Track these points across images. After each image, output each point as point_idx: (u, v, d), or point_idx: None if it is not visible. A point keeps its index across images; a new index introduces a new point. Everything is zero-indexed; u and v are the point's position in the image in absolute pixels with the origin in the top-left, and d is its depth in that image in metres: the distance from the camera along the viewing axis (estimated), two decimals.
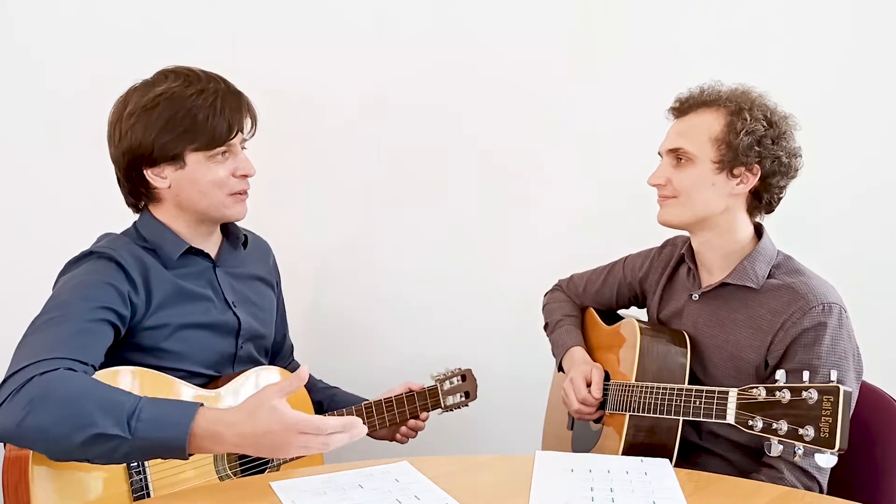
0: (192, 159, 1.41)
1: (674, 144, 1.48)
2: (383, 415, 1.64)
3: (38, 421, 1.14)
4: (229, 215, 1.48)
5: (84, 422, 1.14)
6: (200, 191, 1.42)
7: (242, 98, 1.45)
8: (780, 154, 1.43)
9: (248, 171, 1.46)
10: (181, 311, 1.44)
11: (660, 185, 1.50)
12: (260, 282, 1.63)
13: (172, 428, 1.16)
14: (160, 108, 1.38)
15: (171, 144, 1.39)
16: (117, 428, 1.13)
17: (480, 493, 1.24)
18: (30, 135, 2.09)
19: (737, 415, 1.22)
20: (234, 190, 1.45)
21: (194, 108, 1.38)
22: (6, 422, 1.16)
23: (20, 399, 1.15)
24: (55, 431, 1.14)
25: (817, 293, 1.39)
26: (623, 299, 1.77)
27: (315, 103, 2.18)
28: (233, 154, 1.44)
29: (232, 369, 1.53)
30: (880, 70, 2.04)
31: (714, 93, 1.48)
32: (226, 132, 1.40)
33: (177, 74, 1.43)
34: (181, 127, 1.38)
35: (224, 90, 1.43)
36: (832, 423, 1.10)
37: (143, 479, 1.30)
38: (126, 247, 1.42)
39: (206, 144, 1.40)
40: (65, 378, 1.18)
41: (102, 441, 1.14)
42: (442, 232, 2.23)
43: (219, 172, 1.42)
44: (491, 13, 2.14)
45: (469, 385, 1.79)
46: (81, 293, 1.32)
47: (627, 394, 1.47)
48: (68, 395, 1.16)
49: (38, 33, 2.07)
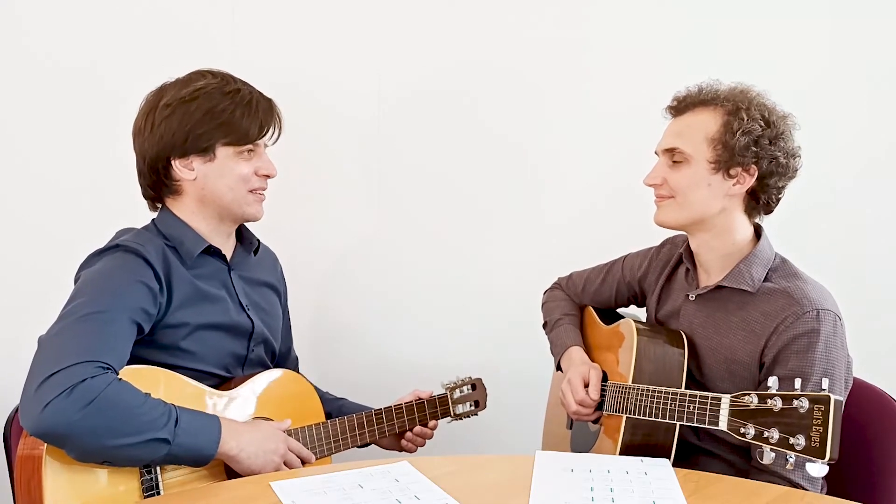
0: (222, 153, 1.46)
1: (670, 144, 1.47)
2: (393, 421, 1.65)
3: (94, 423, 1.20)
4: (249, 213, 1.52)
5: (140, 427, 1.23)
6: (226, 184, 1.47)
7: (273, 104, 1.53)
8: (777, 154, 1.42)
9: (270, 172, 1.52)
10: (199, 311, 1.45)
11: (656, 185, 1.50)
12: (269, 289, 1.65)
13: (206, 434, 1.30)
14: (199, 101, 1.44)
15: (205, 136, 1.44)
16: (167, 433, 1.24)
17: (480, 493, 1.24)
18: (33, 131, 2.09)
19: (729, 421, 1.22)
20: (255, 187, 1.51)
21: (232, 104, 1.45)
22: (61, 418, 1.18)
23: (76, 400, 1.19)
24: (107, 434, 1.21)
25: (812, 299, 1.38)
26: (622, 298, 1.77)
27: (317, 105, 2.18)
28: (257, 154, 1.51)
29: (242, 371, 1.54)
30: (879, 69, 2.04)
31: (712, 92, 1.47)
32: (257, 131, 1.47)
33: (213, 74, 1.49)
34: (218, 120, 1.44)
35: (258, 94, 1.51)
36: (823, 433, 1.09)
37: (154, 478, 1.31)
38: (151, 242, 1.44)
39: (238, 140, 1.46)
40: (117, 384, 1.24)
41: (151, 445, 1.24)
42: (443, 233, 2.23)
43: (244, 169, 1.48)
44: (498, 6, 2.14)
45: (479, 394, 1.80)
46: (115, 291, 1.34)
47: (624, 396, 1.47)
48: (124, 402, 1.23)
49: (41, 29, 2.07)
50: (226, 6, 2.13)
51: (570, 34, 2.13)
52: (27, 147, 2.08)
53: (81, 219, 2.06)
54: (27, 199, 2.09)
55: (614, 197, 2.13)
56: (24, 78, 2.07)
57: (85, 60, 2.08)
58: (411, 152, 2.21)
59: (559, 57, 2.14)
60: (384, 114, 2.19)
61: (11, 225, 2.09)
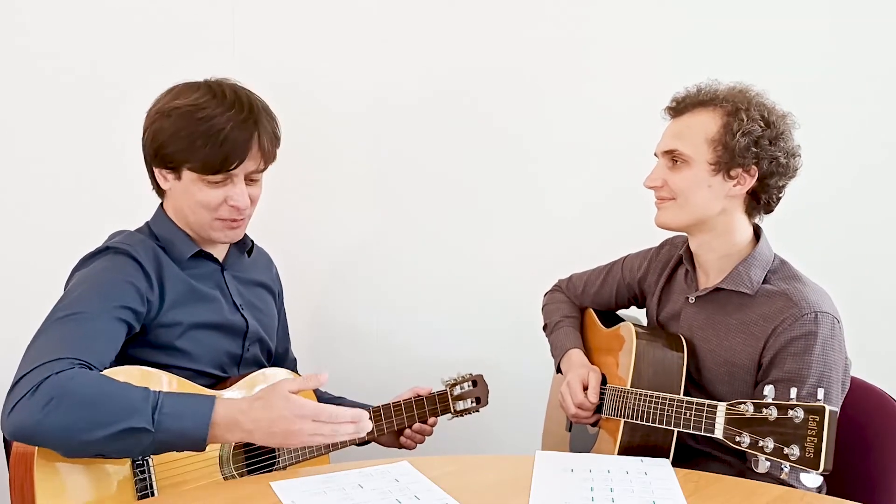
0: (187, 176, 1.42)
1: (669, 146, 1.47)
2: (391, 419, 1.64)
3: (60, 419, 1.16)
4: (214, 237, 1.48)
5: (110, 418, 1.16)
6: (188, 206, 1.44)
7: (255, 134, 1.40)
8: (777, 155, 1.41)
9: (238, 204, 1.43)
10: (193, 311, 1.45)
11: (656, 188, 1.49)
12: (263, 289, 1.65)
13: (194, 417, 1.19)
14: (172, 119, 1.40)
15: (170, 156, 1.41)
16: (143, 421, 1.16)
17: (480, 493, 1.24)
18: (33, 131, 2.09)
19: (725, 430, 1.22)
20: (222, 216, 1.44)
21: (196, 132, 1.38)
22: (25, 421, 1.16)
23: (39, 398, 1.16)
24: (78, 428, 1.16)
25: (810, 301, 1.38)
26: (622, 300, 1.77)
27: (317, 104, 2.18)
28: (232, 183, 1.42)
29: (237, 371, 1.54)
30: (879, 69, 2.04)
31: (711, 92, 1.46)
32: (219, 163, 1.39)
33: (208, 89, 1.42)
34: (181, 144, 1.39)
35: (238, 122, 1.39)
36: (817, 444, 1.09)
37: (147, 479, 1.30)
38: (142, 243, 1.43)
39: (200, 168, 1.40)
40: (82, 376, 1.20)
41: (128, 435, 1.17)
42: (443, 233, 2.23)
43: (210, 195, 1.42)
44: (498, 6, 2.14)
45: (480, 391, 1.80)
46: (99, 290, 1.33)
47: (622, 400, 1.47)
48: (90, 393, 1.18)
49: (41, 29, 2.07)
50: (226, 6, 2.13)
51: (570, 34, 2.13)
52: (27, 147, 2.08)
53: (81, 219, 2.06)
54: (27, 199, 2.09)
55: (614, 197, 2.13)
56: (24, 78, 2.06)
57: (85, 60, 2.08)
58: (411, 152, 2.21)
59: (559, 57, 2.14)
60: (384, 113, 2.19)
61: (11, 225, 2.08)
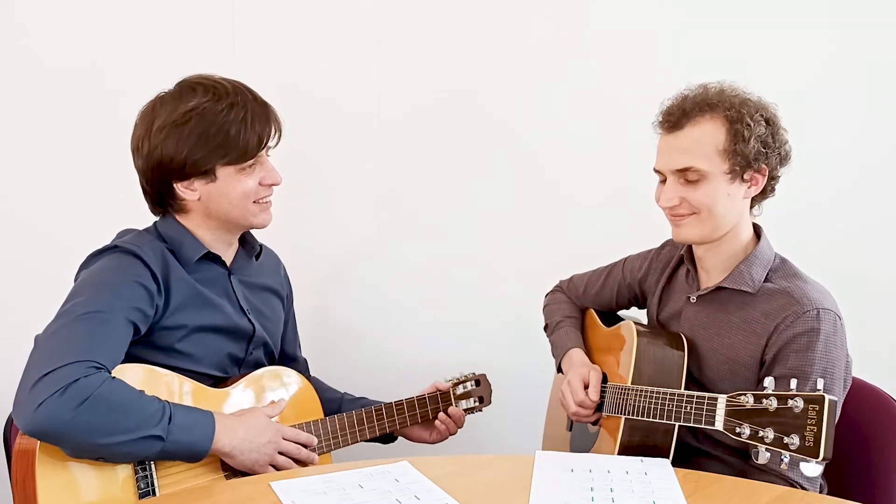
0: (223, 173, 1.43)
1: (682, 164, 1.42)
2: (393, 418, 1.65)
3: (88, 421, 1.20)
4: (256, 223, 1.51)
5: (134, 425, 1.23)
6: (230, 202, 1.45)
7: (269, 109, 1.47)
8: (780, 147, 1.43)
9: (275, 181, 1.50)
10: (197, 314, 1.45)
11: (674, 206, 1.45)
12: (270, 293, 1.65)
13: (200, 431, 1.30)
14: (192, 124, 1.39)
15: (203, 160, 1.41)
16: (160, 430, 1.25)
17: (480, 493, 1.24)
18: (33, 131, 2.09)
19: (725, 421, 1.22)
20: (260, 197, 1.48)
21: (226, 123, 1.40)
22: (54, 418, 1.19)
23: (69, 399, 1.19)
24: (101, 431, 1.22)
25: (812, 298, 1.38)
26: (623, 300, 1.77)
27: (317, 105, 2.18)
28: (260, 164, 1.47)
29: (238, 371, 1.54)
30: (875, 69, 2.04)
31: (700, 99, 1.43)
32: (255, 145, 1.43)
33: (205, 88, 1.43)
34: (214, 142, 1.40)
35: (252, 102, 1.44)
36: (817, 433, 1.10)
37: (148, 478, 1.31)
38: (149, 244, 1.43)
39: (237, 158, 1.42)
40: (111, 382, 1.25)
41: (145, 442, 1.24)
42: (444, 233, 2.23)
43: (248, 184, 1.45)
44: (499, 5, 2.14)
45: (483, 390, 1.80)
46: (114, 290, 1.34)
47: (622, 397, 1.47)
48: (118, 400, 1.24)
49: (41, 29, 2.07)
50: (226, 6, 2.13)
51: (572, 34, 2.13)
52: (27, 147, 2.09)
53: (82, 219, 2.06)
54: (27, 199, 2.09)
55: (616, 198, 2.13)
56: (24, 78, 2.07)
57: (85, 60, 2.08)
58: (412, 152, 2.21)
59: (560, 57, 2.14)
60: (385, 114, 2.19)
61: (11, 225, 2.09)
